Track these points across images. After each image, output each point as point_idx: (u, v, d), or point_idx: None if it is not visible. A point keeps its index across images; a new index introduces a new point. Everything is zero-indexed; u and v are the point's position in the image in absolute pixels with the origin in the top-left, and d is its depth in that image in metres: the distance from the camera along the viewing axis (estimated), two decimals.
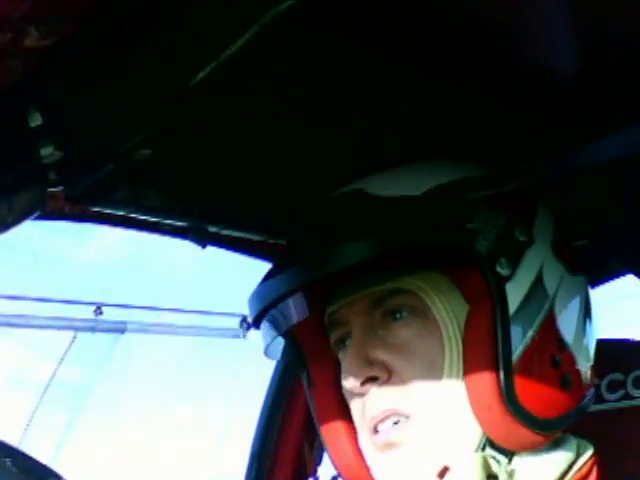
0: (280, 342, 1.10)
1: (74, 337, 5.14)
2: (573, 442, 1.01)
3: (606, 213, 1.39)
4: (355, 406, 1.01)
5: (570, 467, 0.98)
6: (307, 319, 1.05)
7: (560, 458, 0.98)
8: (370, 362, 0.97)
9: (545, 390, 0.96)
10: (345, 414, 1.03)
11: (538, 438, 0.96)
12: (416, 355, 0.97)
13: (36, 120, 0.85)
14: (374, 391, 0.97)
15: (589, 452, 1.00)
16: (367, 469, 1.01)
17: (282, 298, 1.00)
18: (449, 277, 0.97)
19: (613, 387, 1.19)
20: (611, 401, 1.19)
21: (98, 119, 0.88)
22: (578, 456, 1.00)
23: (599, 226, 1.39)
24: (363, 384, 0.97)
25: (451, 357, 0.96)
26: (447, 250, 0.96)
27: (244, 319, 5.46)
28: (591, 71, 1.07)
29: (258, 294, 1.02)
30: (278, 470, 1.63)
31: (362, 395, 0.98)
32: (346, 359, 0.99)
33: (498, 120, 1.18)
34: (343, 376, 0.99)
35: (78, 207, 1.14)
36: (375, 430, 0.97)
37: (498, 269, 0.94)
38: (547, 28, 0.99)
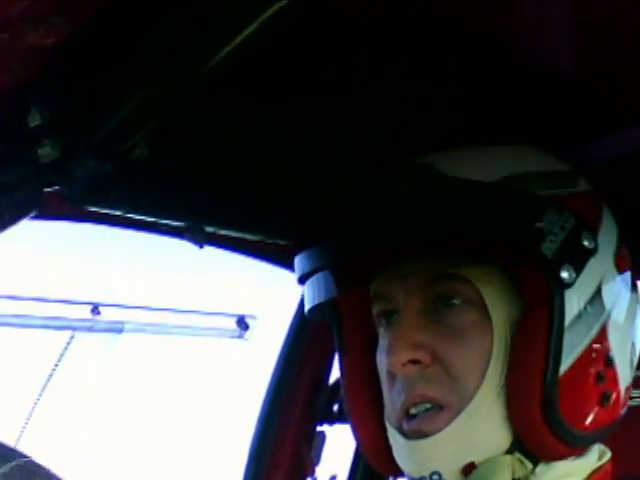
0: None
1: (71, 337, 5.13)
2: (595, 449, 1.00)
3: None
4: (388, 384, 0.98)
5: (591, 474, 0.98)
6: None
7: (584, 466, 0.98)
8: (415, 345, 0.94)
9: (586, 405, 0.94)
10: (374, 386, 1.01)
11: (570, 450, 0.95)
12: (463, 345, 0.93)
13: (36, 120, 0.85)
14: (413, 374, 0.94)
15: (607, 457, 0.99)
16: (388, 446, 0.99)
17: (333, 264, 0.98)
18: (508, 274, 0.94)
19: None
20: None
21: (97, 118, 0.88)
22: (599, 462, 0.99)
23: None
24: (404, 365, 0.94)
25: (498, 355, 0.93)
26: (511, 246, 0.92)
27: (241, 319, 5.45)
28: (591, 71, 1.07)
29: (309, 254, 1.00)
30: (276, 470, 1.63)
31: (399, 375, 0.96)
32: (391, 337, 0.96)
33: (497, 121, 1.18)
34: (386, 354, 0.96)
35: (75, 207, 1.13)
36: (406, 413, 0.95)
37: (562, 275, 0.90)
38: (547, 28, 0.98)
